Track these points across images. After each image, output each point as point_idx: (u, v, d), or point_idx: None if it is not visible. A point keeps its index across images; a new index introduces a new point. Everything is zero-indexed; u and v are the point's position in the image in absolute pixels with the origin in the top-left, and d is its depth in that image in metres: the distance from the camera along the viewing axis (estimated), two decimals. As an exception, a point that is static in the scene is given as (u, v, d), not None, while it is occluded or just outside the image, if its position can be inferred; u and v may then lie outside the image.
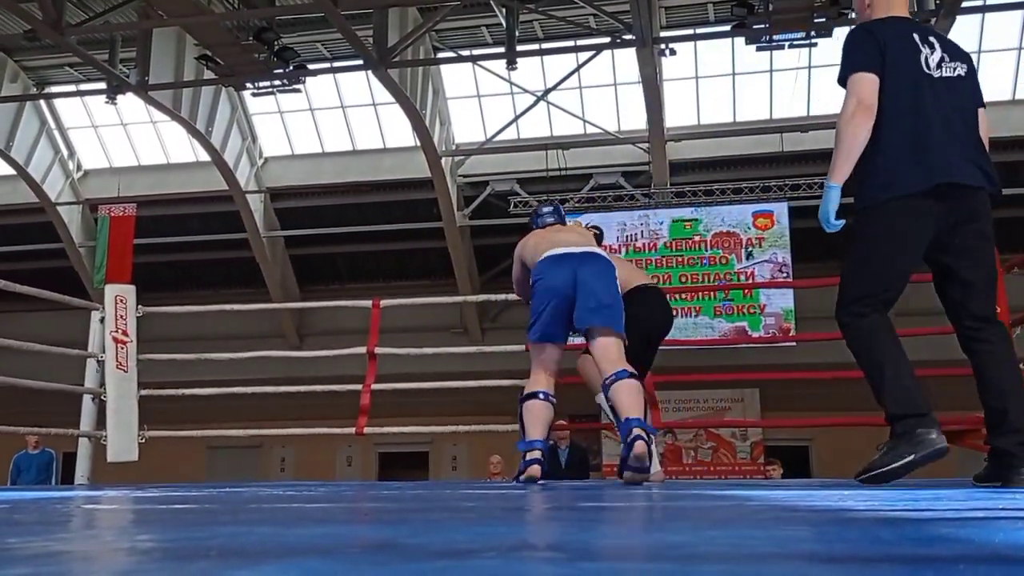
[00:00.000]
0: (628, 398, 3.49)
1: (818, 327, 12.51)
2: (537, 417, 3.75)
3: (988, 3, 10.75)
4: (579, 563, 0.95)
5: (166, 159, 14.70)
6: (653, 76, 11.24)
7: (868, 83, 2.79)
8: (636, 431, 3.35)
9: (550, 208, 4.30)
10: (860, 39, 2.88)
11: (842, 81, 2.89)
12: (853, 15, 10.03)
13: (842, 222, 2.96)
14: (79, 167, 14.81)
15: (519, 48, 11.40)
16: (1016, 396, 2.80)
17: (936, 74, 2.82)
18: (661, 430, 13.90)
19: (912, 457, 2.77)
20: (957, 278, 2.84)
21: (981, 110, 2.97)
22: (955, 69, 2.87)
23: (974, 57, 12.31)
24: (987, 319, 2.85)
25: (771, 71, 12.58)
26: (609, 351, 3.63)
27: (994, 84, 12.47)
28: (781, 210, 12.58)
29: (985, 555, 0.99)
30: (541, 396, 3.77)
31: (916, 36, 2.84)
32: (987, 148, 2.95)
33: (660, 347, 4.51)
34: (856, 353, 2.89)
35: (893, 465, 2.78)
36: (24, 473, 9.12)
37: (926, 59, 2.82)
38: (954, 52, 2.90)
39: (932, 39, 2.87)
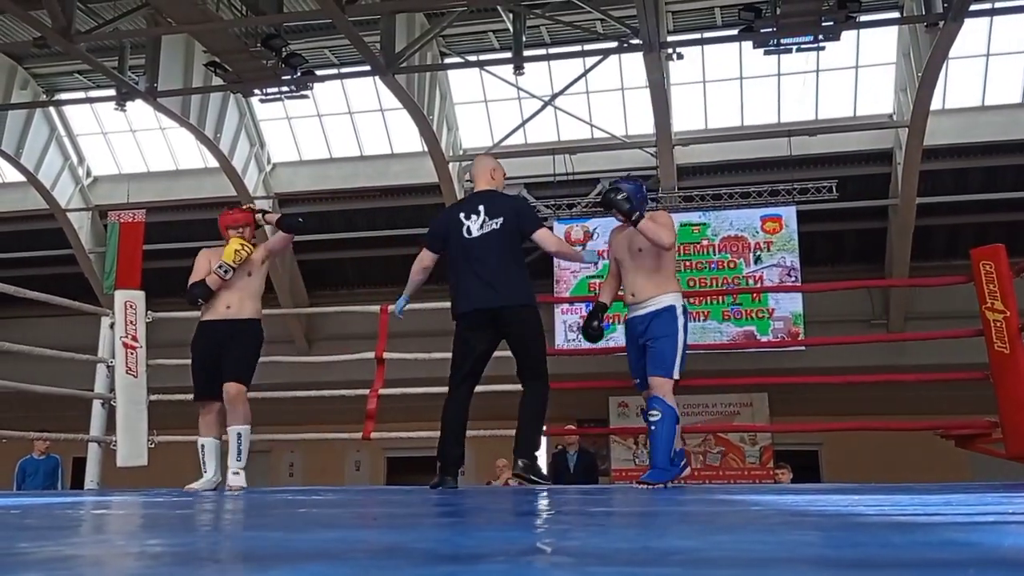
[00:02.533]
0: None
1: (827, 331, 12.54)
2: None
3: (996, 6, 10.72)
4: (587, 567, 0.95)
5: (175, 165, 14.75)
6: (660, 80, 11.23)
7: (426, 255, 4.57)
8: None
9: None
10: (432, 224, 4.61)
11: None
12: (861, 18, 10.05)
13: (403, 308, 4.96)
14: (89, 173, 14.87)
15: (526, 53, 11.41)
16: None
17: (476, 234, 4.27)
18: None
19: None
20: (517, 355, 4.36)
21: (539, 232, 4.35)
22: (493, 225, 4.26)
23: (982, 60, 12.28)
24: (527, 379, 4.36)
25: (779, 75, 12.55)
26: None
27: (1002, 88, 12.43)
28: (789, 214, 12.54)
29: (995, 559, 0.99)
30: None
31: (462, 214, 4.33)
32: (558, 249, 4.79)
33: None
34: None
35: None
36: (30, 478, 9.10)
37: (468, 228, 4.29)
38: (495, 211, 4.29)
39: (480, 208, 4.31)
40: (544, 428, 4.56)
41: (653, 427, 4.20)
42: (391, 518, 2.00)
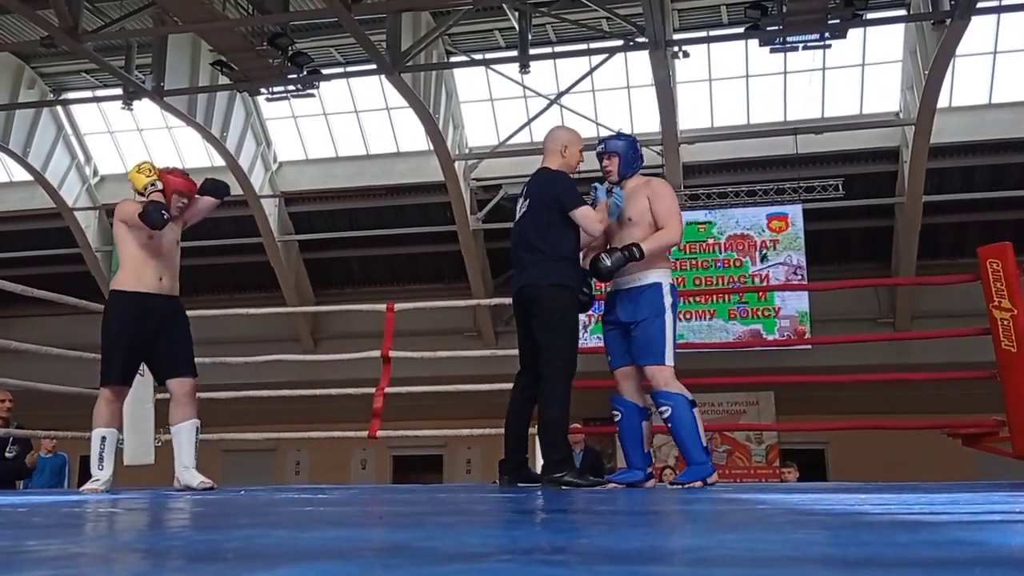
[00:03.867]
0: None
1: (833, 330, 12.52)
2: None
3: (1003, 3, 10.68)
4: (592, 566, 0.95)
5: (181, 164, 14.74)
6: (666, 79, 11.22)
7: None
8: None
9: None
10: None
11: None
12: (868, 16, 10.02)
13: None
14: (95, 172, 14.91)
15: (532, 51, 11.40)
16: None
17: (517, 217, 4.11)
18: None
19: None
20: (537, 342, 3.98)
21: (576, 211, 3.90)
22: (524, 207, 4.06)
23: (989, 58, 12.21)
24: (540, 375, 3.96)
25: (785, 73, 12.53)
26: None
27: (1010, 85, 12.39)
28: (795, 212, 12.53)
29: (1001, 558, 0.98)
30: None
31: (523, 192, 4.12)
32: (591, 230, 3.97)
33: (677, 349, 4.46)
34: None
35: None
36: (37, 476, 9.12)
37: (519, 208, 4.11)
38: (529, 192, 4.07)
39: (526, 188, 4.11)
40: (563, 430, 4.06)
41: (669, 424, 3.86)
42: (397, 516, 2.01)
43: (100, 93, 13.39)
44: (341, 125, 13.99)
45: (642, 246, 3.85)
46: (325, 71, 11.67)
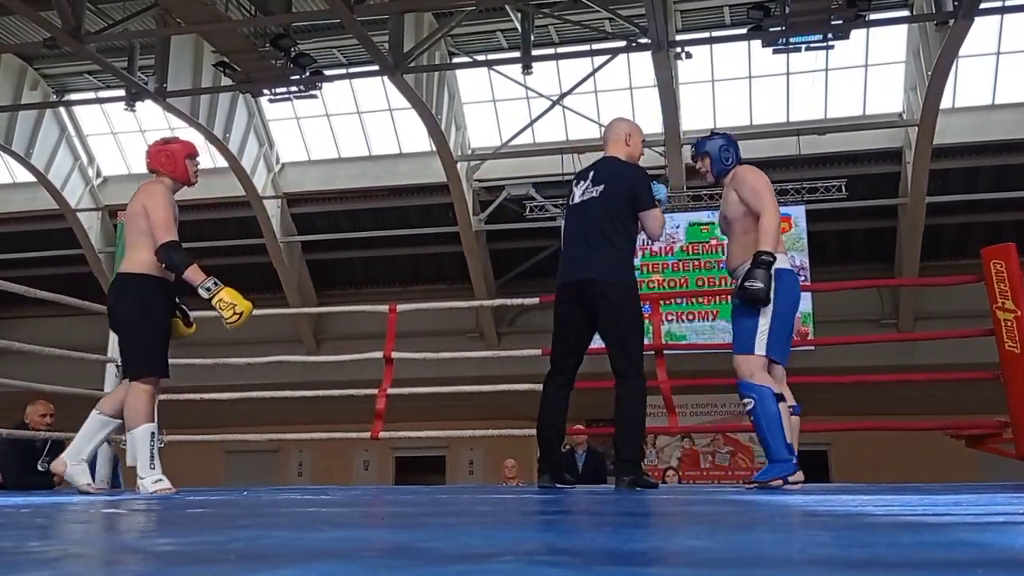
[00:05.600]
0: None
1: (836, 331, 12.51)
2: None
3: (1007, 4, 10.66)
4: (595, 568, 0.95)
5: (184, 165, 14.79)
6: (669, 79, 11.21)
7: None
8: None
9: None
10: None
11: None
12: (871, 16, 10.01)
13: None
14: (98, 174, 14.93)
15: (534, 52, 11.40)
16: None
17: (579, 200, 3.92)
18: (678, 435, 13.85)
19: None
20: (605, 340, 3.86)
21: (649, 212, 3.82)
22: (593, 192, 3.88)
23: (992, 58, 12.16)
24: (619, 372, 3.80)
25: (788, 74, 12.53)
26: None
27: (1013, 86, 12.38)
28: (798, 213, 12.51)
29: (1004, 559, 0.98)
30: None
31: (579, 176, 3.99)
32: (656, 234, 3.97)
33: (677, 352, 4.44)
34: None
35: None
36: None
37: (575, 193, 3.95)
38: (599, 178, 3.89)
39: (591, 173, 3.94)
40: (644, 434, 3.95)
41: (752, 417, 3.70)
42: (399, 517, 2.01)
43: (103, 94, 13.40)
44: (343, 126, 14.00)
45: (763, 247, 3.69)
46: (327, 72, 11.67)
